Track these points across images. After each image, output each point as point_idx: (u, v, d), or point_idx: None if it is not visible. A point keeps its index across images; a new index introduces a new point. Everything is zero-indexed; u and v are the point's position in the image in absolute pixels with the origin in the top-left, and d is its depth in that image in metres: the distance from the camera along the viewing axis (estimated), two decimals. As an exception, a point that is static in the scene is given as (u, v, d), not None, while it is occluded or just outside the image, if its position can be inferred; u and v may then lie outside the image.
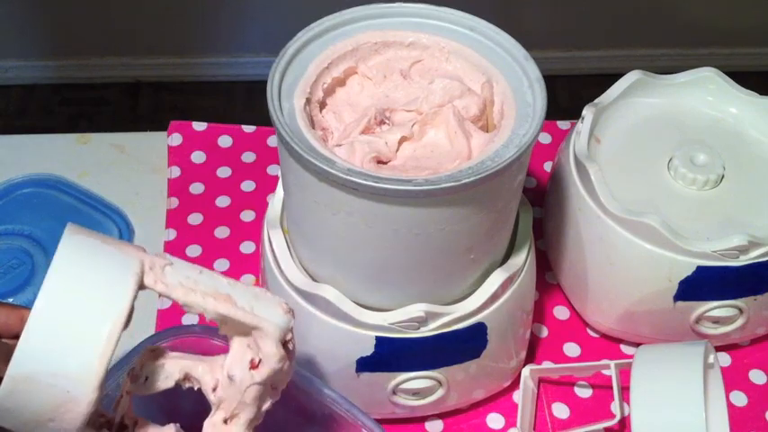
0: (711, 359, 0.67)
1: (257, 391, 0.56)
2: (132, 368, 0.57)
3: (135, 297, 0.53)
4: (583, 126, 0.74)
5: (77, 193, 0.87)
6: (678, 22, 1.87)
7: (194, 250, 0.83)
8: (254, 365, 0.55)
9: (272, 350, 0.55)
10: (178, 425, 0.58)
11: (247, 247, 0.84)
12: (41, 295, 0.51)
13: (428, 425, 0.73)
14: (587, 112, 0.74)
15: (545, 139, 0.91)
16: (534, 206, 0.71)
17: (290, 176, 0.62)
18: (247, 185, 0.89)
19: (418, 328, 0.64)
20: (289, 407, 0.61)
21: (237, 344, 0.56)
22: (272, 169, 0.90)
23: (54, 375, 0.51)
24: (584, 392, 0.75)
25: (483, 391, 0.73)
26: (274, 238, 0.68)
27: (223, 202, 0.87)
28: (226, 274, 0.80)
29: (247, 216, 0.86)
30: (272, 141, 0.92)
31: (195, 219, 0.86)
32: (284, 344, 0.56)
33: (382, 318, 0.64)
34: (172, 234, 0.84)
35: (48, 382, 0.51)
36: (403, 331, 0.64)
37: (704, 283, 0.69)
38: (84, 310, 0.51)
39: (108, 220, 0.85)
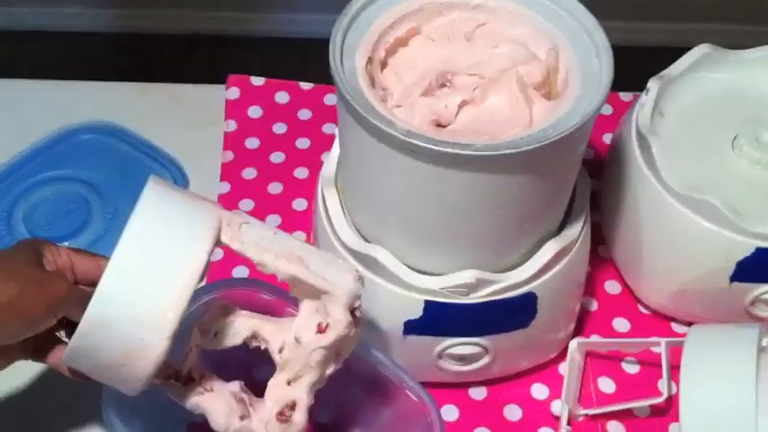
0: (765, 342, 0.65)
1: (322, 356, 0.56)
2: (202, 323, 0.58)
3: (211, 252, 0.54)
4: (647, 98, 0.72)
5: (135, 142, 0.88)
6: (746, -4, 1.82)
7: (247, 204, 0.84)
8: (321, 330, 0.56)
9: (340, 316, 0.56)
10: (242, 382, 0.59)
11: (300, 204, 0.84)
12: (122, 243, 0.52)
13: (472, 391, 0.73)
14: (653, 84, 0.73)
15: (606, 110, 0.89)
16: (591, 178, 0.70)
17: (348, 136, 0.61)
18: (302, 143, 0.89)
19: (468, 294, 0.64)
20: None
21: (306, 307, 0.57)
22: (328, 128, 0.89)
23: (129, 321, 0.52)
24: (631, 368, 0.74)
25: (529, 361, 0.72)
26: (328, 197, 0.68)
27: (277, 158, 0.87)
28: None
29: (301, 173, 0.86)
30: (329, 100, 0.92)
31: (249, 173, 0.86)
32: (352, 311, 0.57)
33: (433, 282, 0.64)
34: (225, 187, 0.85)
35: (123, 328, 0.52)
36: (452, 296, 0.64)
37: (762, 265, 0.68)
38: (161, 261, 0.52)
39: (164, 170, 0.86)
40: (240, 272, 0.79)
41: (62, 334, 0.58)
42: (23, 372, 0.71)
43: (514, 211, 0.60)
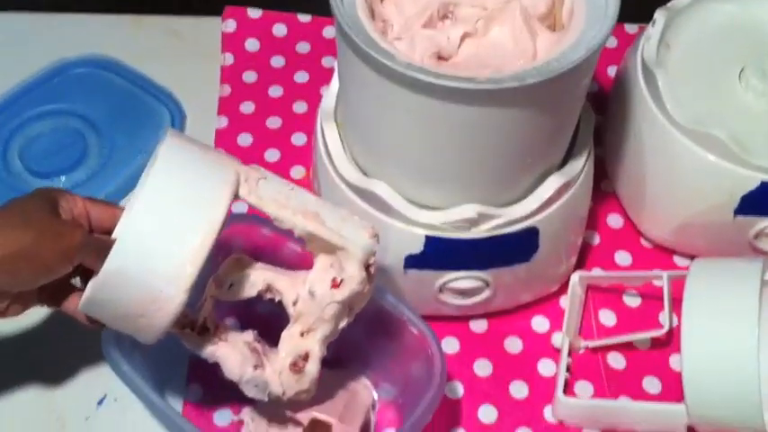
0: (768, 276, 0.66)
1: (336, 310, 0.57)
2: (217, 275, 0.59)
3: (229, 206, 0.54)
4: (653, 30, 0.71)
5: (131, 76, 0.87)
6: None
7: (245, 139, 0.83)
8: (335, 284, 0.57)
9: (355, 272, 0.56)
10: (256, 332, 0.59)
11: (299, 139, 0.83)
12: (142, 194, 0.53)
13: (473, 324, 0.73)
14: (659, 15, 0.71)
15: (610, 42, 0.87)
16: (595, 112, 0.69)
17: (347, 69, 0.60)
18: (301, 76, 0.87)
19: (469, 229, 0.64)
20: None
21: (321, 262, 0.57)
22: (327, 61, 0.88)
23: (148, 273, 0.52)
24: (632, 301, 0.75)
25: (530, 295, 0.72)
26: (328, 132, 0.67)
27: (276, 92, 0.86)
28: (276, 164, 0.82)
29: (300, 107, 0.85)
30: (328, 32, 0.90)
31: (247, 107, 0.85)
32: (366, 267, 0.57)
33: (434, 216, 0.64)
34: (223, 122, 0.84)
35: (141, 279, 0.52)
36: (454, 231, 0.64)
37: (767, 199, 0.67)
38: (180, 213, 0.53)
39: (160, 105, 0.85)
40: (239, 207, 0.79)
41: (77, 281, 0.58)
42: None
43: (517, 145, 0.60)
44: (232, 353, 0.58)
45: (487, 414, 0.69)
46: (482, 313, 0.73)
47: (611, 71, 0.86)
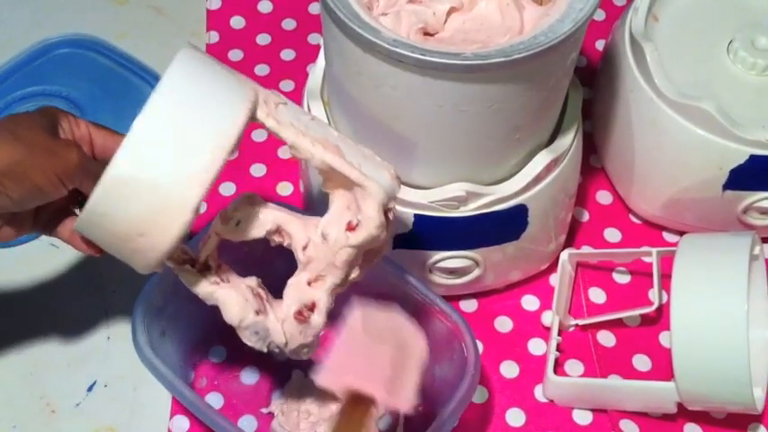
0: (757, 250, 0.65)
1: (349, 255, 0.53)
2: (225, 210, 0.54)
3: (245, 125, 0.50)
4: (641, 3, 0.70)
5: (115, 56, 0.86)
6: None
7: (232, 119, 0.82)
8: (351, 227, 0.52)
9: (373, 214, 0.52)
10: (260, 279, 0.56)
11: (286, 118, 0.82)
12: (151, 104, 0.48)
13: (462, 304, 0.73)
14: (647, -13, 0.71)
15: (598, 15, 0.87)
16: (583, 86, 0.68)
17: (333, 46, 0.59)
18: (287, 54, 0.86)
19: (458, 208, 0.63)
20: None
21: (337, 203, 0.53)
22: (313, 38, 0.87)
23: (152, 186, 0.48)
24: (622, 278, 0.74)
25: (520, 273, 0.72)
26: (314, 110, 0.67)
27: (262, 70, 0.85)
28: (263, 144, 0.81)
29: (287, 86, 0.84)
30: (314, 8, 0.89)
31: (233, 86, 0.84)
32: (385, 212, 0.53)
33: (422, 195, 0.63)
34: (210, 101, 0.83)
35: (145, 192, 0.48)
36: (442, 210, 0.63)
37: (756, 173, 0.67)
38: (193, 126, 0.48)
39: (145, 84, 0.84)
40: (227, 188, 0.78)
41: (77, 210, 0.55)
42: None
43: (505, 121, 0.59)
44: (233, 295, 0.53)
45: (478, 394, 0.68)
46: (472, 292, 0.72)
47: (600, 45, 0.86)
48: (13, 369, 0.69)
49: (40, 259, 0.73)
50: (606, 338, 0.71)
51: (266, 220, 0.54)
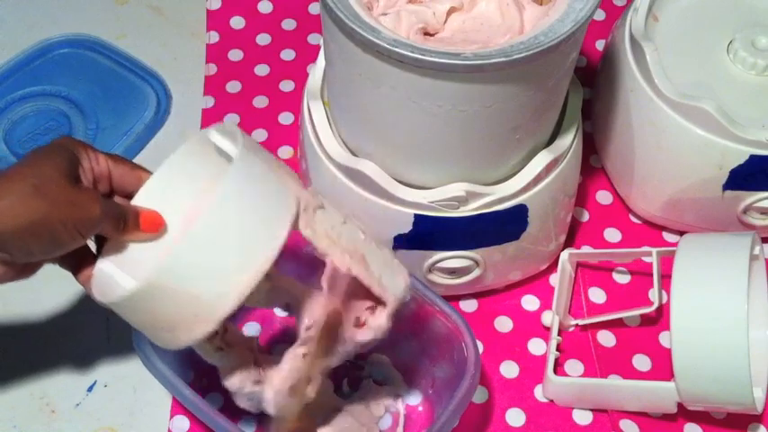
0: (757, 250, 0.65)
1: (350, 348, 0.56)
2: None
3: (285, 241, 0.50)
4: (641, 3, 0.70)
5: (115, 56, 0.86)
6: None
7: (232, 119, 0.82)
8: (359, 324, 0.55)
9: (383, 323, 0.55)
10: (257, 338, 0.57)
11: (286, 118, 0.82)
12: (205, 214, 0.48)
13: (463, 304, 0.73)
14: (647, -13, 0.71)
15: (599, 15, 0.87)
16: (583, 86, 0.68)
17: (333, 46, 0.59)
18: (287, 54, 0.86)
19: (458, 208, 0.63)
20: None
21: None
22: (314, 38, 0.87)
23: (189, 296, 0.49)
24: (622, 278, 0.74)
25: (520, 273, 0.72)
26: (315, 111, 0.66)
27: (262, 70, 0.85)
28: (263, 144, 0.80)
29: (287, 86, 0.84)
30: (314, 8, 0.89)
31: (233, 87, 0.84)
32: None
33: (422, 195, 0.63)
34: (210, 101, 0.83)
35: (181, 299, 0.49)
36: (442, 210, 0.63)
37: (756, 173, 0.67)
38: (236, 241, 0.49)
39: (146, 84, 0.84)
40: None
41: (92, 243, 0.55)
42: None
43: (505, 121, 0.59)
44: (236, 363, 0.55)
45: (478, 394, 0.68)
46: (472, 292, 0.72)
47: (600, 45, 0.86)
48: (13, 369, 0.69)
49: (40, 259, 0.73)
50: (606, 338, 0.71)
51: (278, 296, 0.55)
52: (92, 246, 0.55)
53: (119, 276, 0.53)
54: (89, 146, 0.53)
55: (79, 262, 0.54)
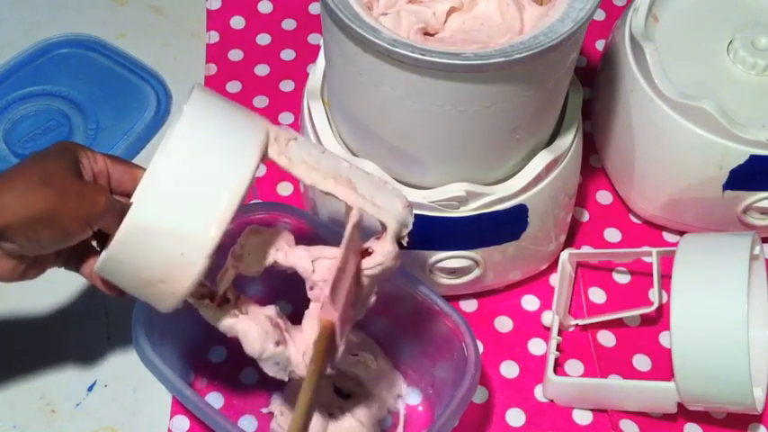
0: (757, 250, 0.65)
1: (365, 284, 0.54)
2: (234, 249, 0.55)
3: (257, 167, 0.51)
4: (641, 2, 0.70)
5: (115, 56, 0.86)
6: None
7: (232, 119, 0.82)
8: (365, 253, 0.54)
9: (389, 246, 0.53)
10: (278, 308, 0.57)
11: (286, 118, 0.82)
12: (166, 149, 0.49)
13: (463, 304, 0.73)
14: (647, -13, 0.71)
15: (599, 15, 0.87)
16: (583, 86, 0.68)
17: (333, 46, 0.59)
18: (287, 54, 0.86)
19: (458, 208, 0.63)
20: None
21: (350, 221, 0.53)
22: (314, 38, 0.87)
23: (170, 234, 0.49)
24: (622, 278, 0.74)
25: (520, 273, 0.72)
26: (315, 111, 0.66)
27: (262, 70, 0.85)
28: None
29: (287, 86, 0.84)
30: (314, 8, 0.89)
31: (233, 87, 0.84)
32: (398, 240, 0.54)
33: (422, 195, 0.63)
34: (210, 101, 0.83)
35: (162, 240, 0.49)
36: (442, 210, 0.63)
37: (756, 173, 0.67)
38: (206, 172, 0.49)
39: (146, 84, 0.84)
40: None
41: (95, 244, 0.56)
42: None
43: (505, 121, 0.59)
44: (253, 327, 0.54)
45: (478, 394, 0.68)
46: (472, 292, 0.72)
47: (600, 45, 0.86)
48: (13, 369, 0.69)
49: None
50: (606, 338, 0.71)
51: (273, 252, 0.55)
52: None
53: None
54: (87, 147, 0.54)
55: (83, 257, 0.55)
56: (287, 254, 0.55)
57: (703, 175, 0.68)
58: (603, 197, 0.79)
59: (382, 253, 0.53)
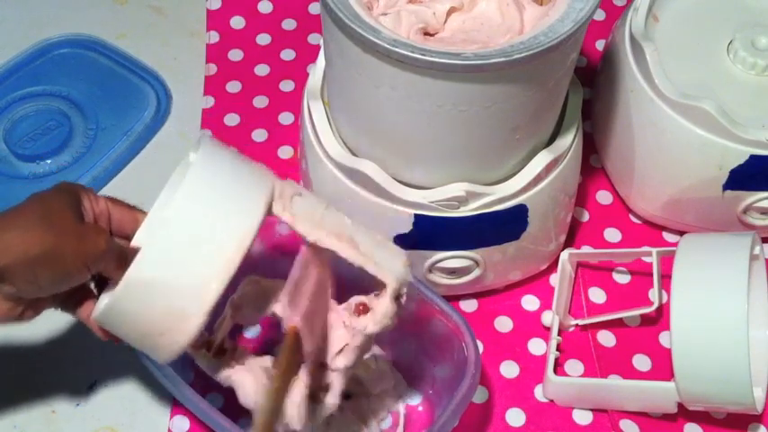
0: (757, 250, 0.65)
1: (361, 342, 0.55)
2: (233, 298, 0.56)
3: (261, 223, 0.51)
4: (641, 2, 0.70)
5: (115, 56, 0.86)
6: None
7: (232, 119, 0.82)
8: (362, 310, 0.55)
9: (387, 306, 0.54)
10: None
11: (286, 118, 0.82)
12: (174, 203, 0.49)
13: (463, 304, 0.73)
14: (647, -13, 0.71)
15: (599, 15, 0.87)
16: (583, 86, 0.68)
17: (333, 46, 0.59)
18: (287, 54, 0.86)
19: (458, 208, 0.63)
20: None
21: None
22: (314, 38, 0.87)
23: (171, 288, 0.49)
24: (622, 278, 0.74)
25: (520, 273, 0.72)
26: (315, 111, 0.66)
27: (262, 70, 0.85)
28: (263, 145, 0.81)
29: (287, 86, 0.84)
30: (314, 8, 0.89)
31: (233, 87, 0.84)
32: (397, 298, 0.55)
33: (422, 195, 0.63)
34: (210, 101, 0.83)
35: (164, 293, 0.49)
36: (442, 210, 0.63)
37: (756, 173, 0.67)
38: (211, 226, 0.49)
39: (146, 84, 0.84)
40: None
41: (92, 285, 0.56)
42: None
43: (505, 121, 0.59)
44: (249, 379, 0.54)
45: (478, 394, 0.68)
46: (472, 292, 0.72)
47: (600, 45, 0.86)
48: (13, 369, 0.69)
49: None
50: (606, 338, 0.71)
51: (272, 303, 0.55)
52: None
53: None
54: (89, 188, 0.54)
55: (81, 301, 0.55)
56: (285, 306, 0.55)
57: (703, 175, 0.68)
58: (603, 197, 0.79)
59: (382, 312, 0.54)
